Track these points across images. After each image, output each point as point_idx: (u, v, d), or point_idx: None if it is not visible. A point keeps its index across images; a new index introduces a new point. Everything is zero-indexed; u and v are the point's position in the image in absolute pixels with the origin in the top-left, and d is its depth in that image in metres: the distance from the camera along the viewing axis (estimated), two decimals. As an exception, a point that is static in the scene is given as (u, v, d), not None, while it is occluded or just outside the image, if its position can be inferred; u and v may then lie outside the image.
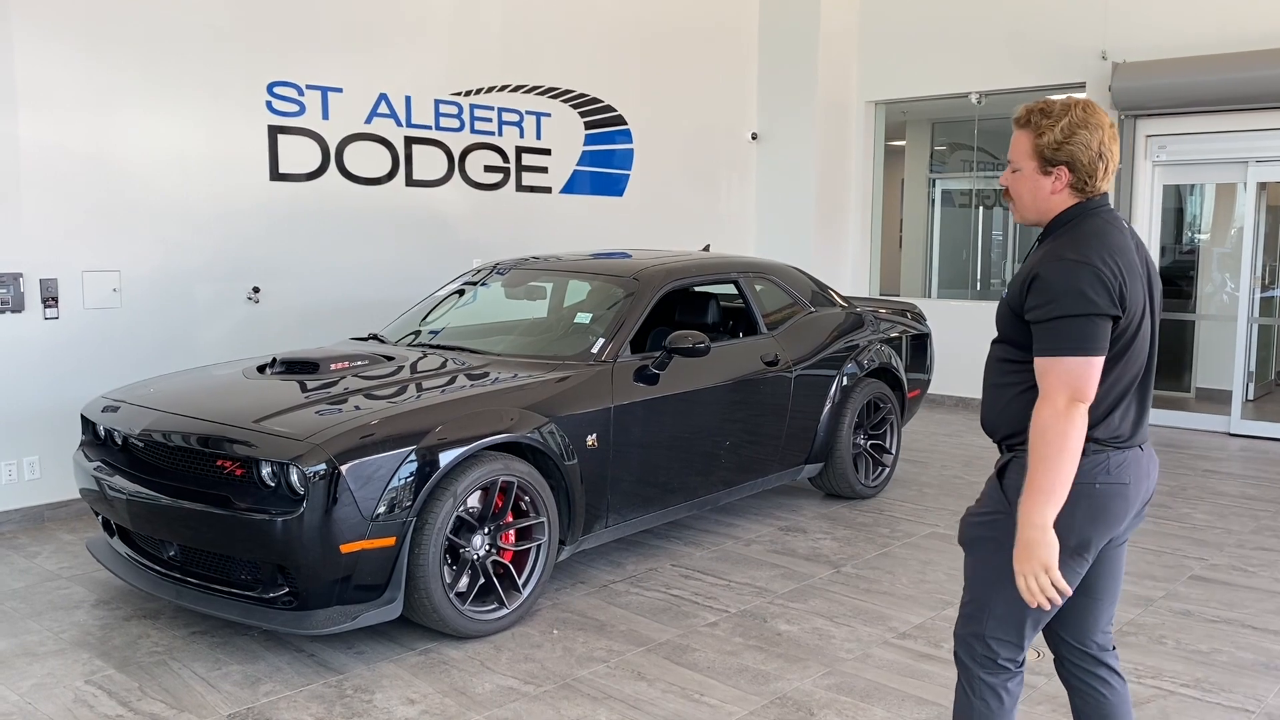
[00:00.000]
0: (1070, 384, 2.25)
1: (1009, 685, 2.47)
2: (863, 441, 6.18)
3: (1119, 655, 2.66)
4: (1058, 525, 2.27)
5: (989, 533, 2.44)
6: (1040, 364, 2.29)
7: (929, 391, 7.64)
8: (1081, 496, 2.33)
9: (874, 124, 10.15)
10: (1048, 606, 2.28)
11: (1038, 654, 3.99)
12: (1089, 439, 2.33)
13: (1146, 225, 8.50)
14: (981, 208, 11.55)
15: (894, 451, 6.41)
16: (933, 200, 11.65)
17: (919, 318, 6.95)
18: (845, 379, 5.94)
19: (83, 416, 4.70)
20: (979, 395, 2.68)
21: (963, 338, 9.32)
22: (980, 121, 10.29)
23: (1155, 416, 8.58)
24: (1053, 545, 2.24)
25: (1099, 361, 2.27)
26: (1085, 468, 2.31)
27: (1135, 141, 8.38)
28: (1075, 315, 2.25)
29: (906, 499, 6.29)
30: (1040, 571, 2.24)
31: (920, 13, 9.55)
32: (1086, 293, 2.25)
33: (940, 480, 6.77)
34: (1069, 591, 2.29)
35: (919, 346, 6.78)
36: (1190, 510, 6.07)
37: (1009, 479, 2.42)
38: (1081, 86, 8.65)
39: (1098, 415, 2.34)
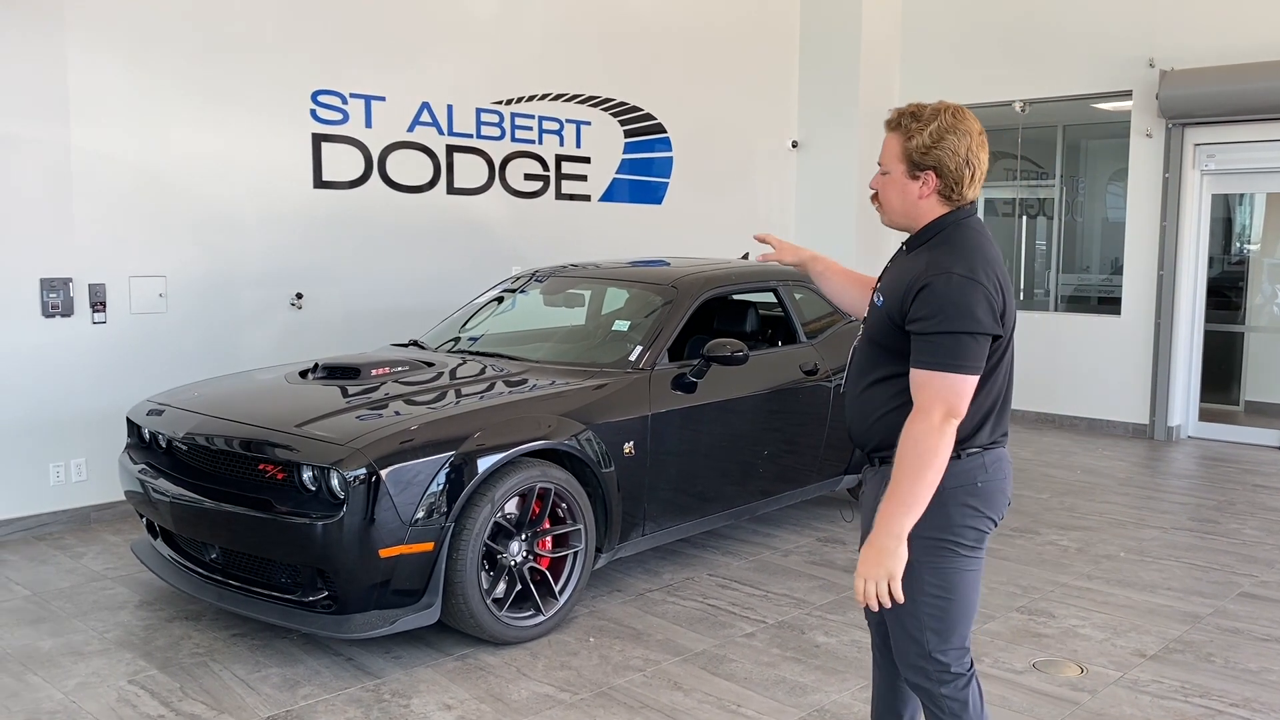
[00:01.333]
0: (948, 400, 2.26)
1: (971, 689, 2.47)
2: (903, 452, 6.10)
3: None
4: (951, 527, 2.35)
5: (916, 556, 2.37)
6: (919, 376, 2.29)
7: (971, 402, 7.55)
8: (970, 496, 2.38)
9: (916, 132, 10.06)
10: (884, 603, 2.27)
11: (1081, 669, 3.92)
12: (967, 446, 2.38)
13: (1194, 235, 8.36)
14: (1025, 217, 11.42)
15: (935, 463, 6.33)
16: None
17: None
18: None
19: (128, 420, 4.77)
20: (1022, 407, 2.71)
21: (1005, 348, 9.21)
22: (1024, 130, 10.18)
23: (1206, 430, 8.48)
24: (903, 557, 2.26)
25: (975, 380, 2.29)
26: (966, 469, 2.37)
27: (1183, 151, 8.24)
28: (960, 332, 2.25)
29: (947, 511, 6.21)
30: (884, 579, 2.25)
31: (963, 20, 9.47)
32: (975, 311, 2.26)
33: (982, 492, 6.67)
34: (901, 600, 2.29)
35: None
36: (1239, 526, 5.94)
37: (870, 492, 2.47)
38: (1127, 94, 8.53)
39: (974, 425, 2.38)
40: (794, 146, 9.86)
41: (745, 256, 6.36)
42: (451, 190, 7.28)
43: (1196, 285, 8.43)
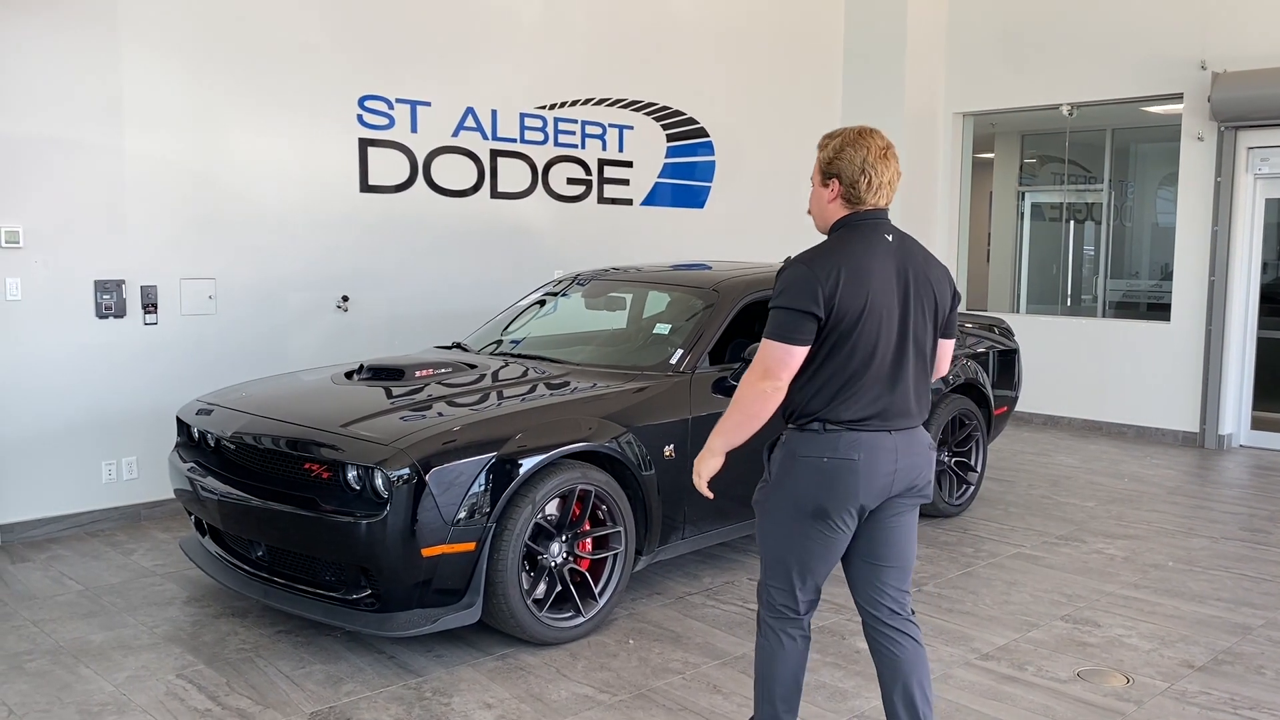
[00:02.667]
0: (764, 362, 2.73)
1: (788, 630, 2.92)
2: (947, 459, 6.07)
3: (919, 623, 3.01)
4: (792, 492, 2.78)
5: (760, 497, 2.92)
6: (761, 343, 2.75)
7: (1016, 409, 7.47)
8: (812, 470, 2.76)
9: (961, 136, 9.99)
10: (700, 489, 2.96)
11: (1127, 680, 3.87)
12: (818, 421, 2.76)
13: (1247, 240, 8.20)
14: (1073, 221, 11.28)
15: (979, 469, 6.28)
16: (1022, 213, 11.41)
17: (1007, 333, 6.81)
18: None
19: (178, 419, 4.86)
20: (1069, 414, 3.14)
21: (1052, 354, 9.11)
22: (1072, 134, 10.06)
23: (1258, 439, 8.30)
24: (713, 465, 2.90)
25: (796, 350, 2.71)
26: (817, 445, 2.76)
27: (1236, 154, 8.09)
28: (781, 308, 2.71)
29: (991, 518, 6.16)
30: (697, 475, 2.94)
31: (1010, 23, 9.38)
32: (794, 291, 2.70)
33: (1026, 500, 6.61)
34: (710, 495, 3.04)
35: (1007, 362, 6.64)
36: (1293, 536, 5.82)
37: (774, 453, 2.88)
38: (1178, 97, 8.39)
39: (823, 401, 2.76)
40: (837, 151, 9.80)
41: (787, 260, 6.34)
42: (495, 194, 7.33)
43: (1249, 291, 8.27)
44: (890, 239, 2.83)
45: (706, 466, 2.91)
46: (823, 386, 2.74)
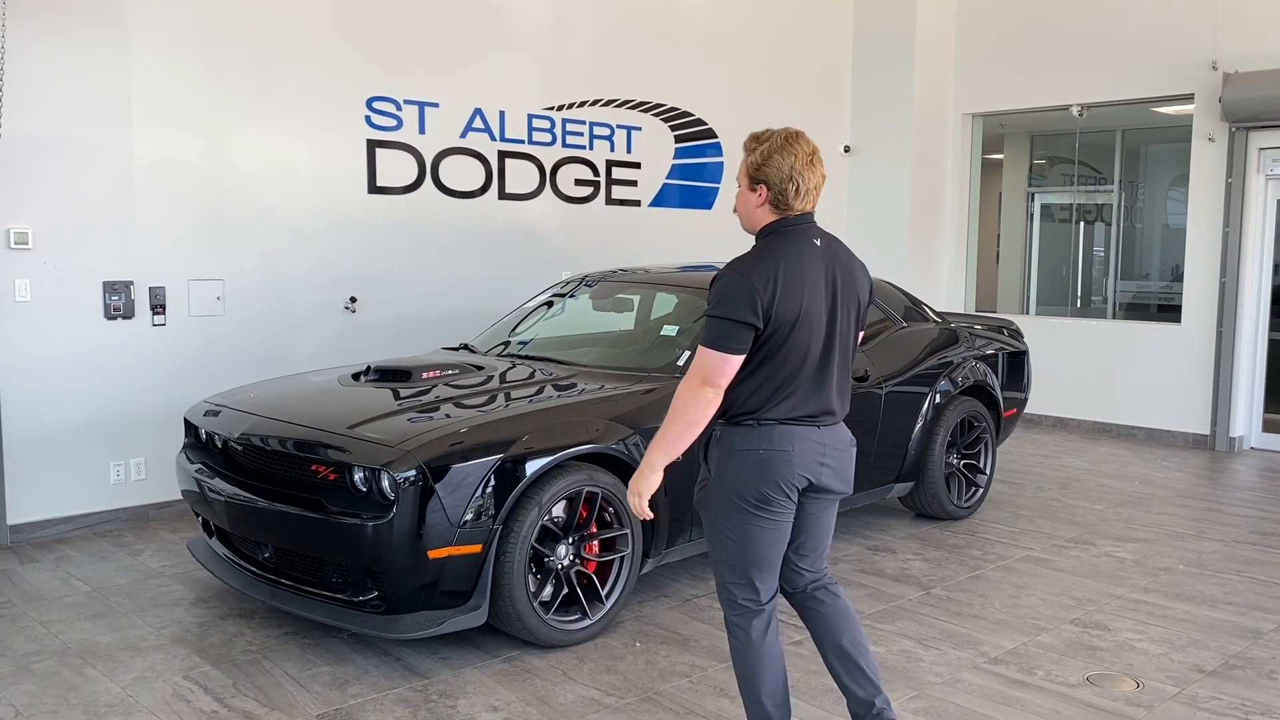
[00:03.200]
0: (703, 370, 2.78)
1: (754, 623, 2.95)
2: (955, 461, 6.04)
3: (835, 584, 3.15)
4: (733, 484, 2.86)
5: (702, 497, 3.00)
6: (698, 350, 2.81)
7: (1026, 411, 7.44)
8: (750, 462, 2.85)
9: (970, 137, 9.96)
10: (640, 516, 2.92)
11: (1137, 684, 3.84)
12: (754, 418, 2.85)
13: (1259, 242, 8.15)
14: (1083, 223, 11.23)
15: (988, 472, 6.26)
16: (1031, 214, 11.36)
17: (1016, 334, 6.78)
18: (938, 396, 5.82)
19: (186, 420, 4.86)
20: (1079, 416, 3.20)
21: (1062, 356, 9.07)
22: (1082, 135, 10.01)
23: (1269, 442, 8.28)
24: (653, 482, 2.88)
25: (734, 359, 2.78)
26: (752, 439, 2.85)
27: (1247, 155, 8.04)
28: (719, 318, 2.77)
29: (1000, 521, 6.13)
30: (636, 495, 2.89)
31: (1019, 23, 9.34)
32: (732, 302, 2.75)
33: (1036, 503, 6.57)
34: (649, 516, 2.94)
35: (1016, 364, 6.61)
36: (1304, 540, 5.79)
37: (709, 451, 2.97)
38: (1189, 98, 8.35)
39: (758, 402, 2.84)
40: (846, 152, 9.80)
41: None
42: (503, 196, 7.33)
43: (1260, 293, 8.22)
44: (819, 244, 2.92)
45: (647, 484, 2.89)
46: (758, 388, 2.84)
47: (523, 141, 7.40)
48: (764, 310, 2.75)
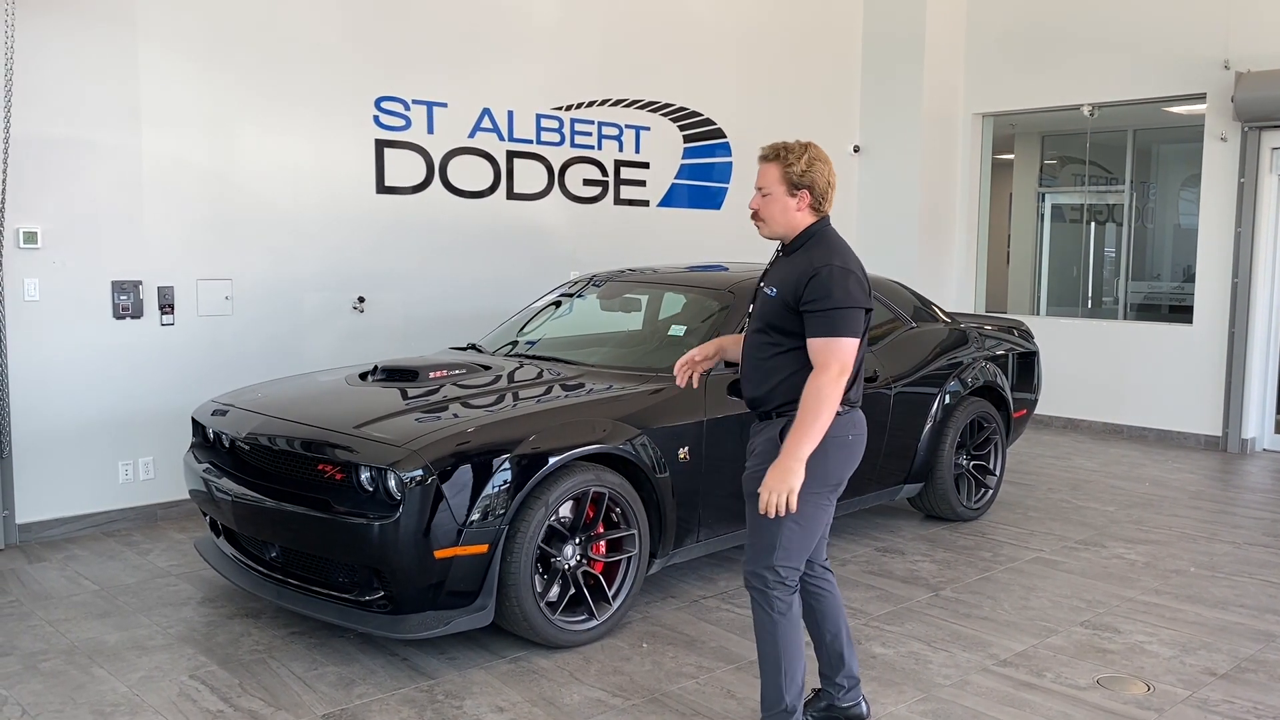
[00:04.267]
0: (841, 359, 2.98)
1: (795, 597, 3.15)
2: (965, 462, 6.01)
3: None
4: (824, 470, 3.03)
5: (752, 486, 3.09)
6: (818, 343, 3.00)
7: (1036, 412, 7.41)
8: (840, 447, 3.08)
9: (981, 137, 9.92)
10: (781, 513, 2.95)
11: (1148, 687, 3.81)
12: (845, 404, 3.08)
13: (1271, 241, 8.10)
14: (1094, 223, 11.18)
15: (998, 473, 6.22)
16: (1042, 215, 11.33)
17: (1026, 335, 6.75)
18: (947, 397, 5.79)
19: (193, 419, 4.87)
20: (1089, 417, 3.52)
21: (1072, 357, 9.02)
22: (1093, 135, 9.97)
23: (1274, 442, 8.21)
24: (801, 475, 2.95)
25: (857, 344, 3.04)
26: (842, 425, 3.06)
27: (1260, 154, 7.99)
28: (848, 307, 3.00)
29: (1010, 522, 6.10)
30: (787, 492, 2.93)
31: (1029, 23, 9.30)
32: (854, 290, 3.03)
33: (1046, 504, 6.54)
34: (795, 510, 2.97)
35: (1026, 365, 6.58)
36: (1317, 542, 5.74)
37: (761, 441, 3.13)
38: (1201, 97, 8.30)
39: (849, 383, 3.06)
40: (856, 152, 9.77)
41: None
42: (511, 196, 7.33)
43: (1273, 293, 8.17)
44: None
45: (798, 479, 2.95)
46: (854, 373, 3.08)
47: (531, 141, 7.39)
48: (869, 294, 3.09)
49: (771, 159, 3.18)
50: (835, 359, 2.96)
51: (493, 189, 7.23)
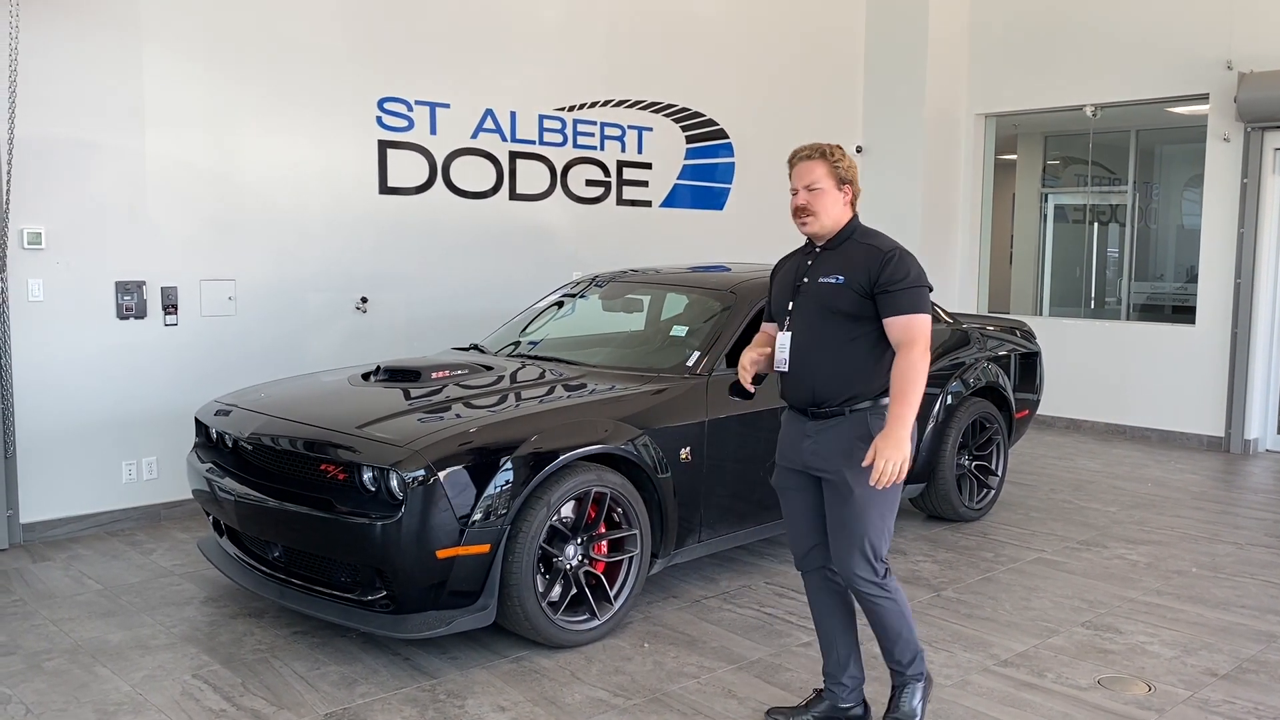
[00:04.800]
0: (925, 334, 3.13)
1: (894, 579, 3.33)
2: (967, 462, 6.01)
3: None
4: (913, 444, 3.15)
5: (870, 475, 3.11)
6: (902, 320, 3.12)
7: (1038, 412, 7.40)
8: (914, 433, 3.18)
9: (984, 137, 9.91)
10: (898, 481, 3.08)
11: (1149, 688, 3.82)
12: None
13: (1274, 242, 8.09)
14: (1096, 223, 11.17)
15: (1000, 473, 6.23)
16: (1045, 215, 11.31)
17: (1029, 336, 6.75)
18: (949, 398, 5.79)
19: (196, 419, 4.88)
20: (1092, 418, 3.50)
21: (1075, 357, 9.02)
22: (1095, 135, 9.96)
23: (1277, 443, 8.20)
24: (910, 446, 3.07)
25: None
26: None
27: (1263, 155, 7.98)
28: (924, 286, 3.18)
29: (1012, 523, 6.10)
30: (900, 460, 3.03)
31: (1033, 23, 9.30)
32: (922, 272, 3.21)
33: (1048, 504, 6.54)
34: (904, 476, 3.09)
35: (1028, 365, 6.58)
36: (1320, 543, 5.73)
37: (876, 426, 3.15)
38: (1204, 98, 8.29)
39: None
40: (858, 152, 9.77)
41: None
42: (514, 196, 7.34)
43: (1276, 294, 8.16)
44: None
45: (909, 447, 3.06)
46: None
47: (534, 142, 7.40)
48: None
49: (817, 157, 3.27)
50: (920, 334, 3.10)
51: (495, 189, 7.24)
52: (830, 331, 3.21)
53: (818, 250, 3.33)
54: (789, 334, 3.31)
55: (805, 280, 3.30)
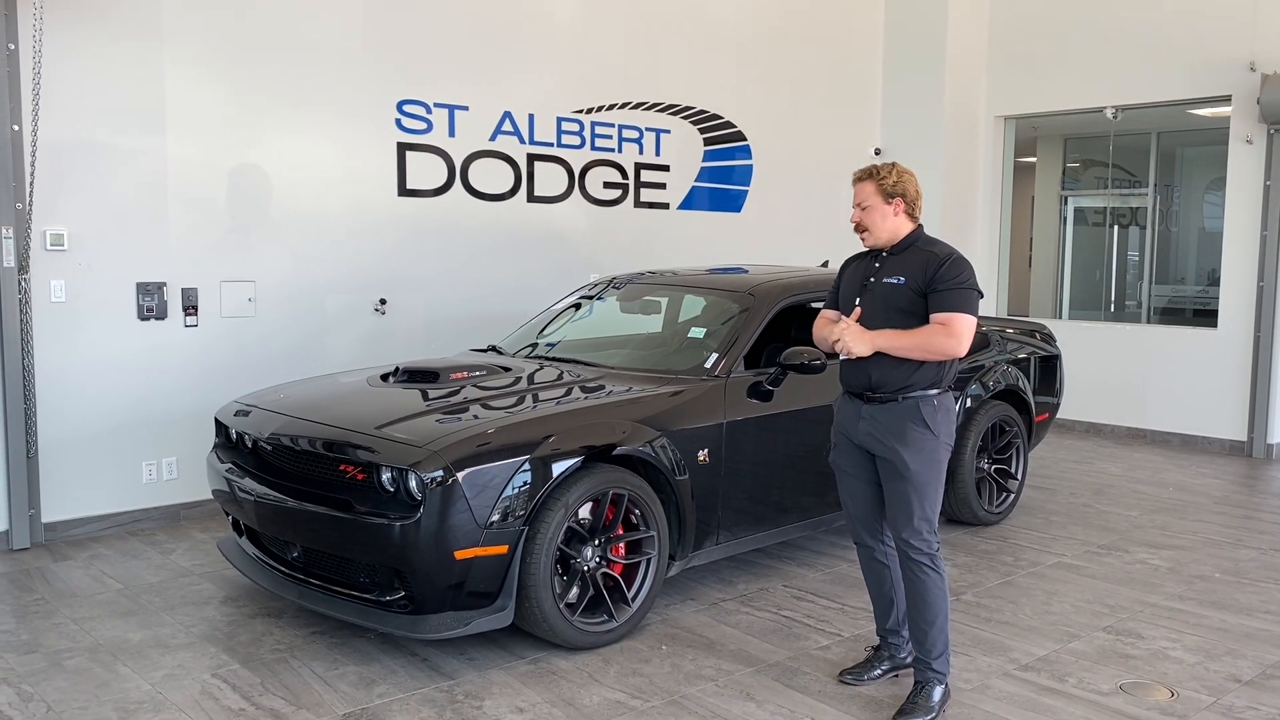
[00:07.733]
0: (965, 332, 3.41)
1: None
2: (986, 466, 5.98)
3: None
4: (947, 431, 3.53)
5: (930, 449, 3.50)
6: (950, 315, 3.41)
7: (1058, 416, 7.36)
8: (950, 418, 3.56)
9: (1003, 139, 9.87)
10: (847, 348, 3.50)
11: (1172, 693, 3.78)
12: (943, 385, 3.54)
13: (1298, 245, 8.02)
14: (1117, 226, 11.10)
15: (1020, 477, 6.19)
16: (1064, 218, 11.26)
17: (1048, 339, 6.71)
18: (969, 401, 5.76)
19: (216, 420, 4.90)
20: (1113, 421, 3.40)
21: (1095, 360, 8.96)
22: (1116, 137, 9.90)
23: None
24: (865, 350, 3.47)
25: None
26: (951, 400, 3.58)
27: (1286, 157, 7.92)
28: (973, 290, 3.48)
29: (1032, 527, 6.06)
30: (853, 342, 3.48)
31: (1053, 24, 9.25)
32: (975, 279, 3.52)
33: (1068, 508, 6.49)
34: (849, 325, 3.52)
35: (1048, 369, 6.54)
36: (1345, 548, 5.67)
37: (927, 413, 3.49)
38: (1226, 99, 8.23)
39: (948, 367, 3.54)
40: (877, 154, 9.74)
41: (825, 264, 6.29)
42: (532, 199, 7.35)
43: (1299, 297, 8.09)
44: None
45: (864, 347, 3.46)
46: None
47: (552, 144, 7.41)
48: None
49: (865, 178, 3.60)
50: (961, 330, 3.38)
51: (513, 192, 7.25)
52: (889, 326, 3.50)
53: (884, 255, 3.64)
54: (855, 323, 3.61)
55: (871, 280, 3.62)
